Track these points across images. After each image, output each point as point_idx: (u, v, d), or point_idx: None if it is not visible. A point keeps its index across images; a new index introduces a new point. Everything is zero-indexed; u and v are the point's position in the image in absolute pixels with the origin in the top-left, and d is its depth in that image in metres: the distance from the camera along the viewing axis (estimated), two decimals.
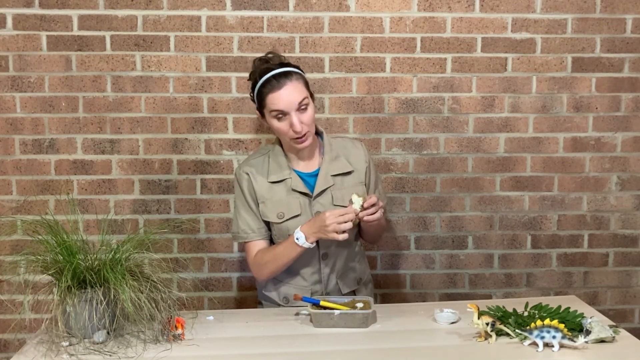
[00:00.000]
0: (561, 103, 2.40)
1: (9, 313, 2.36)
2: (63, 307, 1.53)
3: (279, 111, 1.77)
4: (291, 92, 1.76)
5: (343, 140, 1.97)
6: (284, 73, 1.78)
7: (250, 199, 1.89)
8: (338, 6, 2.29)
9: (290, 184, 1.86)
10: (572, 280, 2.51)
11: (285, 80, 1.77)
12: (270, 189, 1.87)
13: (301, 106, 1.77)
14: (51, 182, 2.32)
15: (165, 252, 1.76)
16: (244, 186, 1.89)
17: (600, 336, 1.54)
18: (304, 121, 1.77)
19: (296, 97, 1.76)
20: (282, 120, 1.78)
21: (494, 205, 2.44)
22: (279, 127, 1.79)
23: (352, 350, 1.55)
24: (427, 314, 1.77)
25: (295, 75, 1.79)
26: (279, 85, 1.76)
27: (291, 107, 1.76)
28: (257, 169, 1.89)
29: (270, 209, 1.86)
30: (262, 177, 1.88)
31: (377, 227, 1.94)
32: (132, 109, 2.31)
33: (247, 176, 1.88)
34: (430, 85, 2.36)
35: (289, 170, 1.87)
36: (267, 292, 1.96)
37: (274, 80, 1.77)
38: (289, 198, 1.86)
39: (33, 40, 2.25)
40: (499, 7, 2.33)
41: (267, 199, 1.87)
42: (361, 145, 1.97)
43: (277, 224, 1.86)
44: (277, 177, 1.87)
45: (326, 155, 1.90)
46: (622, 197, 2.47)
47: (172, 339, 1.60)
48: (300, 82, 1.80)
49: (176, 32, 2.27)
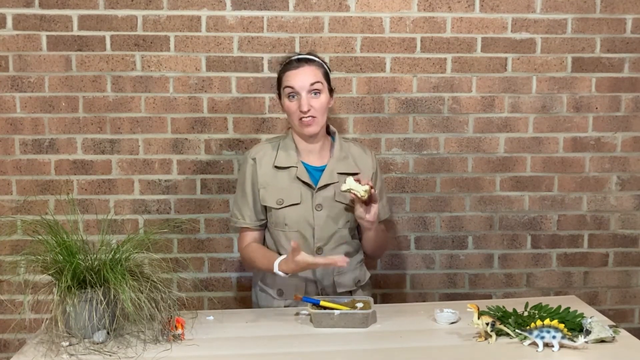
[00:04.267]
0: (561, 103, 2.40)
1: (9, 313, 2.36)
2: (63, 307, 1.53)
3: (291, 88, 1.83)
4: (306, 73, 1.84)
5: (355, 145, 2.00)
6: (305, 58, 1.88)
7: (250, 187, 1.91)
8: (338, 6, 2.29)
9: (295, 173, 1.89)
10: (572, 280, 2.51)
11: (304, 63, 1.86)
12: (275, 175, 1.90)
13: (313, 90, 1.83)
14: (51, 182, 2.32)
15: (165, 252, 1.76)
16: (247, 172, 1.92)
17: (600, 336, 1.55)
18: (313, 105, 1.82)
19: (309, 78, 1.83)
20: (292, 100, 1.84)
21: (494, 205, 2.44)
22: (289, 106, 1.86)
23: (352, 350, 1.55)
24: (427, 314, 1.77)
25: (316, 63, 1.87)
26: (297, 66, 1.85)
27: (303, 86, 1.82)
28: (265, 154, 1.93)
29: (270, 194, 1.89)
30: (268, 162, 1.91)
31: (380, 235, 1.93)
32: (132, 109, 2.31)
33: (253, 162, 1.92)
34: (430, 85, 2.36)
35: (297, 160, 1.90)
36: (263, 279, 1.97)
37: (295, 61, 1.87)
38: (292, 186, 1.88)
39: (33, 40, 2.25)
40: (499, 7, 2.33)
41: (269, 184, 1.89)
42: (372, 153, 2.01)
43: (275, 209, 1.88)
44: (284, 164, 1.90)
45: (335, 153, 1.93)
46: (622, 197, 2.47)
47: (172, 339, 1.60)
48: (319, 70, 1.87)
49: (176, 32, 2.27)
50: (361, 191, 1.73)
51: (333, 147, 1.95)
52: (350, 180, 1.75)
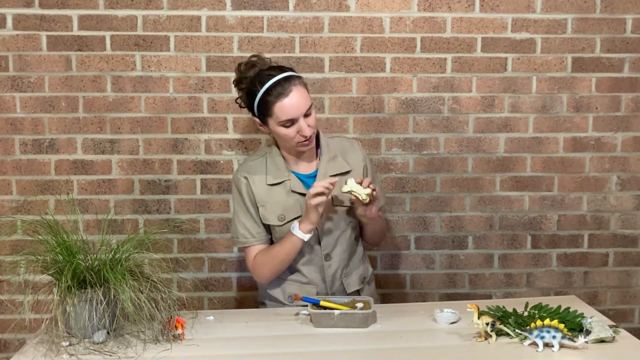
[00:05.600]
0: (561, 103, 2.40)
1: (9, 313, 2.36)
2: (63, 307, 1.53)
3: (289, 120, 1.75)
4: (299, 99, 1.74)
5: (340, 140, 1.96)
6: (286, 78, 1.75)
7: (250, 203, 1.87)
8: (338, 6, 2.29)
9: (289, 186, 1.85)
10: (572, 280, 2.50)
11: (290, 86, 1.74)
12: (269, 192, 1.86)
13: (307, 111, 1.76)
14: (51, 182, 2.32)
15: (165, 252, 1.76)
16: (243, 191, 1.87)
17: (600, 336, 1.55)
18: (310, 124, 1.77)
19: (303, 104, 1.75)
20: (290, 127, 1.76)
21: (494, 205, 2.44)
22: (286, 133, 1.77)
23: (352, 350, 1.55)
24: (427, 314, 1.77)
25: (297, 80, 1.77)
26: (286, 93, 1.73)
27: (300, 114, 1.74)
28: (255, 172, 1.87)
29: (270, 211, 1.86)
30: (261, 180, 1.86)
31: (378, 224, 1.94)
32: (132, 109, 2.31)
33: (246, 180, 1.87)
34: (430, 85, 2.36)
35: (288, 172, 1.86)
36: (272, 289, 1.94)
37: (279, 86, 1.73)
38: (289, 200, 1.85)
39: (33, 40, 2.25)
40: (499, 7, 2.33)
41: (267, 202, 1.86)
42: (358, 144, 1.97)
43: (278, 226, 1.86)
44: (276, 180, 1.85)
45: (324, 156, 1.89)
46: (622, 197, 2.47)
47: (172, 339, 1.60)
48: (303, 86, 1.78)
49: (176, 32, 2.27)
50: (363, 194, 1.73)
51: (320, 147, 1.91)
52: (352, 182, 1.74)
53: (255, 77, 1.78)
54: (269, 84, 1.74)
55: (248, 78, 1.79)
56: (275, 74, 1.76)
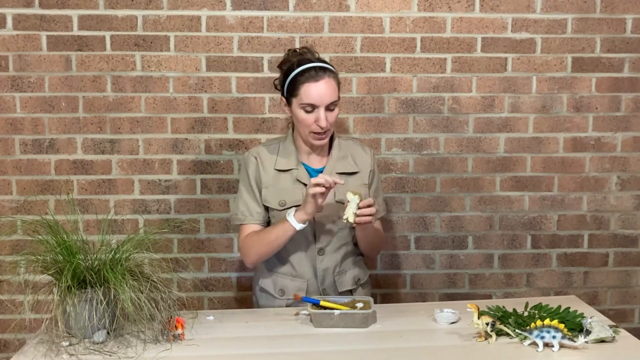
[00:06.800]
0: (561, 103, 2.40)
1: (9, 313, 2.36)
2: (63, 307, 1.53)
3: (311, 104, 1.79)
4: (326, 88, 1.80)
5: (353, 143, 2.01)
6: (323, 67, 1.82)
7: (254, 183, 1.91)
8: (338, 6, 2.29)
9: (295, 175, 1.89)
10: (572, 280, 2.50)
11: (324, 74, 1.80)
12: (276, 177, 1.90)
13: (331, 105, 1.81)
14: (51, 182, 2.32)
15: (165, 252, 1.76)
16: (250, 170, 1.92)
17: (600, 336, 1.54)
18: (329, 119, 1.81)
19: (330, 95, 1.80)
20: (310, 113, 1.81)
21: (494, 205, 2.44)
22: (304, 118, 1.82)
23: (352, 350, 1.55)
24: (427, 314, 1.77)
25: (332, 74, 1.84)
26: (317, 78, 1.79)
27: (323, 102, 1.79)
28: (267, 155, 1.92)
29: (272, 195, 1.89)
30: (270, 164, 1.91)
31: (372, 235, 1.93)
32: (132, 109, 2.31)
33: (255, 160, 1.92)
34: (430, 85, 2.36)
35: (297, 162, 1.91)
36: (264, 279, 1.96)
37: (313, 71, 1.80)
38: (293, 188, 1.89)
39: (33, 40, 2.25)
40: (499, 7, 2.33)
41: (271, 186, 1.90)
42: (370, 151, 2.01)
43: (277, 210, 1.89)
44: (285, 167, 1.90)
45: (334, 154, 1.93)
46: (622, 197, 2.47)
47: (172, 339, 1.60)
48: (335, 82, 1.84)
49: (176, 32, 2.27)
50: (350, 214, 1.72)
51: (332, 147, 1.95)
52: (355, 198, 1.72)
53: (296, 61, 1.85)
54: (305, 67, 1.81)
55: (291, 61, 1.86)
56: (315, 60, 1.84)
